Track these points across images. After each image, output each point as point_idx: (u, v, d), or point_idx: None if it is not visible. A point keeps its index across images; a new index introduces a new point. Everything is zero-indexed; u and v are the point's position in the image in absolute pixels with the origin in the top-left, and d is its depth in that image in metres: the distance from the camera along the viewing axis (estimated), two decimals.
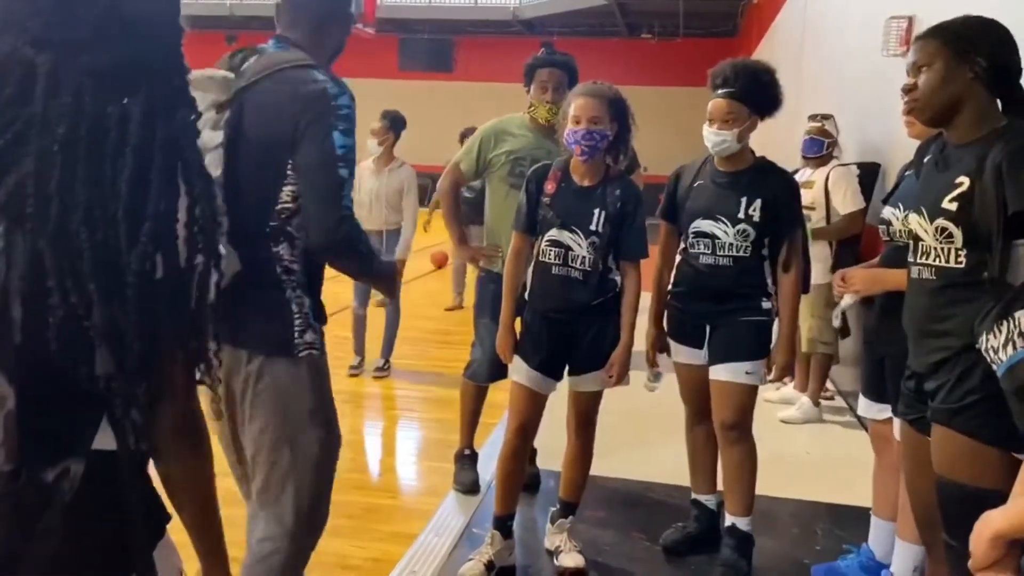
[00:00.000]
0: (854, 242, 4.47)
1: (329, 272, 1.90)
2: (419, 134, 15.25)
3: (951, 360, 1.90)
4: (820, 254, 4.40)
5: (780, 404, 4.79)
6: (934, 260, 1.97)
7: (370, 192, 5.26)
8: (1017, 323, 1.54)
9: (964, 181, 1.89)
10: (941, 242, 1.95)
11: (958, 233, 1.90)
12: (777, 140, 5.57)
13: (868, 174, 4.55)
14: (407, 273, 5.78)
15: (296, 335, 1.82)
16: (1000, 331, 1.59)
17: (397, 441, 4.62)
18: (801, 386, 4.79)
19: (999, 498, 1.42)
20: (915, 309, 2.05)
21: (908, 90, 1.99)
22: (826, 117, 4.65)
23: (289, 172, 1.76)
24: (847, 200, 4.38)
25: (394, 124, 5.29)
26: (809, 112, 5.00)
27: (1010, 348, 1.60)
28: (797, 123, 4.88)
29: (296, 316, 1.82)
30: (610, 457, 3.56)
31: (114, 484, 0.98)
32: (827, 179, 4.46)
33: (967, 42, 1.89)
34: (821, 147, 4.55)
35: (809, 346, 4.57)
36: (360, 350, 5.44)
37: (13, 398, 0.94)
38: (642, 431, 4.09)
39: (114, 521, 0.99)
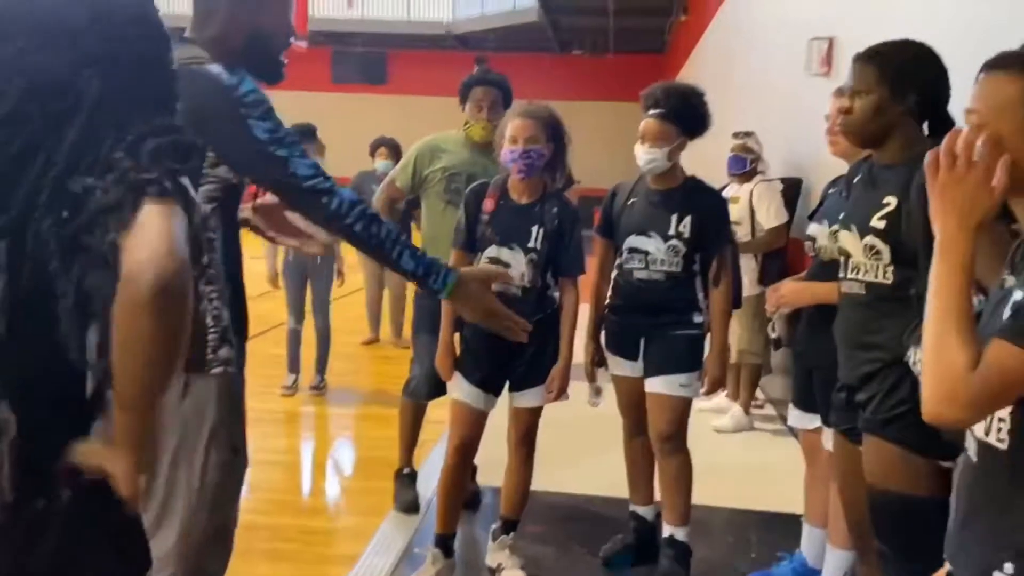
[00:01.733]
0: (779, 255, 4.61)
1: (261, 288, 1.84)
2: (353, 146, 15.20)
3: (881, 372, 1.98)
4: (746, 267, 4.52)
5: (713, 413, 4.88)
6: (864, 276, 2.05)
7: None
8: None
9: (891, 201, 1.99)
10: (870, 258, 2.03)
11: (886, 250, 1.99)
12: (709, 157, 5.72)
13: (792, 189, 4.70)
14: (337, 288, 5.72)
15: (210, 351, 1.72)
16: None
17: (335, 461, 4.56)
18: (733, 395, 4.90)
19: (929, 505, 1.48)
20: (846, 323, 2.13)
21: (843, 112, 2.08)
22: (748, 134, 4.80)
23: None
24: (771, 214, 4.52)
25: (301, 137, 5.20)
26: (732, 129, 5.14)
27: None
28: (726, 140, 5.02)
29: (212, 330, 1.72)
30: (551, 472, 3.57)
31: (104, 512, 0.96)
32: (751, 195, 4.60)
33: (904, 77, 1.99)
34: (745, 164, 4.69)
35: (739, 356, 4.68)
36: (295, 368, 5.35)
37: (14, 425, 0.92)
38: (582, 444, 4.12)
39: (106, 549, 0.96)
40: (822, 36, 4.38)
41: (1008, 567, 1.14)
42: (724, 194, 4.78)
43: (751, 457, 4.36)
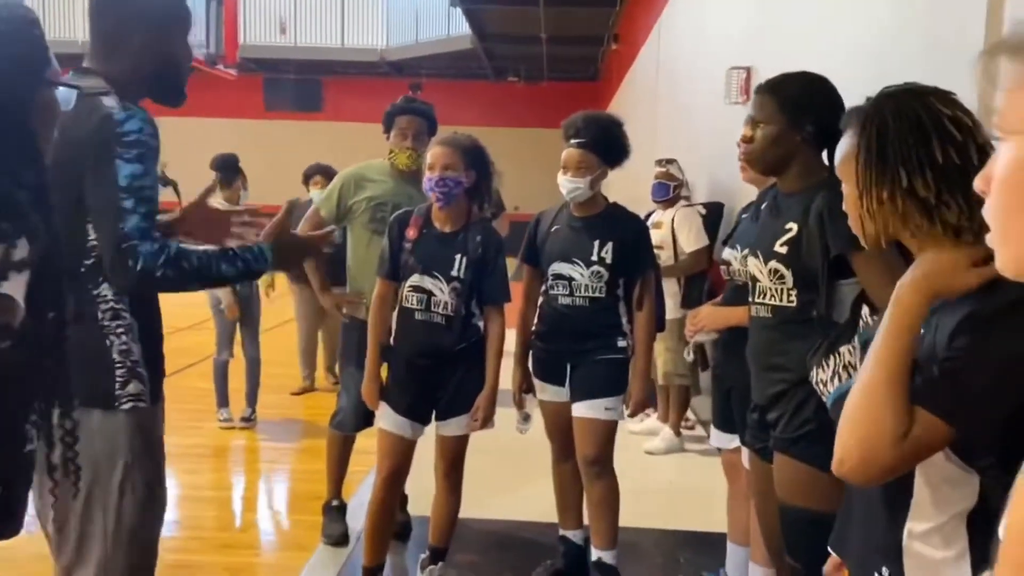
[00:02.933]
0: (701, 278, 4.72)
1: (193, 319, 1.82)
2: (287, 174, 15.04)
3: (788, 392, 2.05)
4: (670, 290, 4.62)
5: (645, 436, 4.95)
6: (770, 299, 2.12)
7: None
8: (842, 357, 1.67)
9: (793, 227, 2.07)
10: (775, 283, 2.11)
11: (788, 274, 2.07)
12: (641, 183, 5.84)
13: (715, 213, 4.83)
14: (271, 318, 5.64)
15: (118, 386, 1.71)
16: (828, 365, 1.72)
17: (264, 495, 4.46)
18: (663, 417, 4.97)
19: (835, 520, 1.53)
20: (755, 345, 2.20)
21: (745, 141, 2.16)
22: (670, 161, 4.93)
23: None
24: (691, 239, 4.63)
25: (223, 170, 5.16)
26: (662, 155, 5.27)
27: (836, 380, 1.74)
28: (652, 167, 5.15)
29: (118, 365, 1.71)
30: (480, 499, 3.57)
31: None
32: (673, 220, 4.71)
33: (800, 108, 2.08)
34: (668, 190, 4.81)
35: (666, 379, 4.77)
36: (225, 401, 5.24)
37: None
38: (511, 471, 4.13)
39: None
40: (740, 66, 4.52)
41: (885, 571, 1.19)
42: (649, 220, 4.90)
43: (681, 478, 4.42)
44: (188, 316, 6.52)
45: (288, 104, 20.59)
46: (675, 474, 4.49)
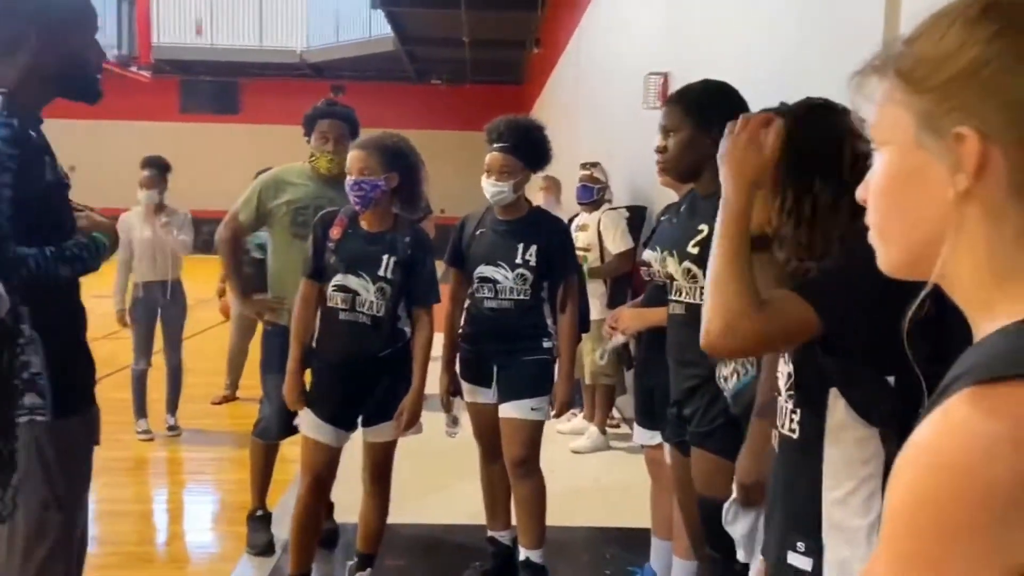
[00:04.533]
0: (626, 279, 4.81)
1: (106, 328, 1.77)
2: (205, 177, 14.70)
3: (701, 387, 2.12)
4: (597, 291, 4.71)
5: (571, 435, 5.01)
6: (684, 297, 2.20)
7: (149, 242, 4.98)
8: None
9: (704, 228, 2.15)
10: (688, 282, 2.18)
11: (700, 273, 2.14)
12: (566, 187, 5.92)
13: (637, 216, 4.93)
14: (192, 326, 5.51)
15: None
16: (728, 362, 1.80)
17: (187, 507, 4.36)
18: (589, 416, 5.05)
19: None
20: (672, 341, 2.27)
21: (659, 151, 2.23)
22: (594, 164, 5.01)
23: None
24: (617, 241, 4.72)
25: (158, 167, 5.07)
26: (585, 159, 5.35)
27: (735, 377, 1.82)
28: (577, 170, 5.23)
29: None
30: (409, 503, 3.57)
31: None
32: (599, 222, 4.79)
33: (706, 112, 2.16)
34: (592, 192, 4.89)
35: (592, 378, 4.84)
36: (143, 411, 5.09)
37: None
38: (440, 474, 4.14)
39: None
40: (658, 71, 4.63)
41: (800, 546, 1.27)
42: (574, 223, 4.98)
43: (608, 476, 4.50)
44: (102, 326, 6.31)
45: (205, 106, 20.12)
46: (601, 472, 4.56)
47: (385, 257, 2.69)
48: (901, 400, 1.16)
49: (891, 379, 1.21)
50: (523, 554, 2.98)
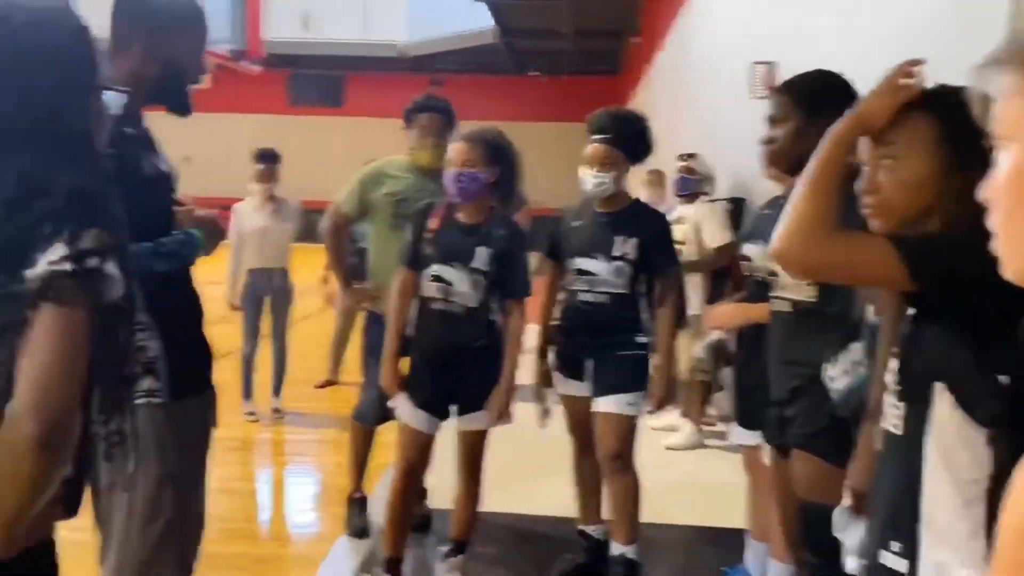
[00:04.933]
0: (725, 274, 4.70)
1: (215, 312, 1.85)
2: (311, 168, 15.16)
3: (806, 387, 2.05)
4: (694, 286, 4.62)
5: (666, 431, 4.94)
6: (790, 294, 2.13)
7: (259, 230, 5.19)
8: (852, 354, 1.68)
9: None
10: (794, 277, 2.11)
11: None
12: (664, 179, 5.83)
13: (737, 209, 4.82)
14: (298, 311, 5.70)
15: None
16: (839, 361, 1.73)
17: (289, 487, 4.52)
18: (685, 413, 4.97)
19: None
20: (775, 340, 2.20)
21: (766, 142, 2.17)
22: (692, 156, 4.91)
23: None
24: (715, 234, 4.62)
25: (268, 159, 5.27)
26: (685, 149, 5.25)
27: (846, 377, 1.75)
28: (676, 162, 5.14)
29: None
30: (501, 492, 3.60)
31: None
32: (697, 215, 4.69)
33: (817, 101, 2.08)
34: (690, 185, 4.79)
35: (688, 374, 4.76)
36: (249, 394, 5.31)
37: None
38: (533, 465, 4.15)
39: None
40: (763, 60, 4.50)
41: (895, 546, 1.21)
42: (671, 215, 4.89)
43: (702, 474, 4.42)
44: (213, 311, 6.61)
45: (311, 99, 20.73)
46: (695, 470, 4.49)
47: (480, 249, 2.72)
48: (1014, 402, 1.09)
49: (1004, 378, 1.14)
50: (616, 549, 2.96)
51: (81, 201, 1.05)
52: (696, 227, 4.71)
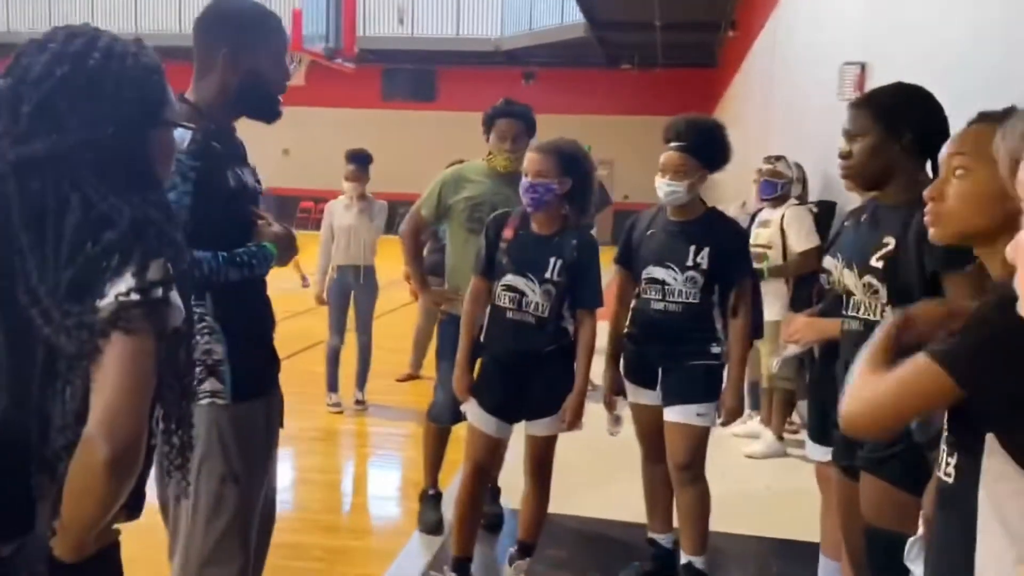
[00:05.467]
0: (811, 279, 4.57)
1: (303, 304, 1.91)
2: (402, 162, 15.46)
3: None
4: (778, 291, 4.52)
5: (746, 439, 4.86)
6: (863, 314, 2.08)
7: (346, 229, 5.37)
8: None
9: (890, 241, 2.02)
10: (869, 297, 2.06)
11: (883, 290, 2.02)
12: (747, 179, 5.71)
13: (826, 213, 4.68)
14: (382, 304, 5.85)
15: (196, 383, 1.80)
16: None
17: (367, 481, 4.65)
18: (766, 420, 4.87)
19: None
20: (846, 359, 2.14)
21: (843, 156, 2.12)
22: (778, 158, 4.78)
23: None
24: (801, 239, 4.50)
25: (362, 160, 5.42)
26: (775, 150, 5.13)
27: None
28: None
29: (197, 363, 1.76)
30: (571, 496, 3.62)
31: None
32: (783, 219, 4.58)
33: (896, 117, 2.03)
34: (776, 188, 4.67)
35: (770, 382, 4.66)
36: (334, 386, 5.48)
37: None
38: (604, 469, 4.15)
39: None
40: (854, 61, 4.36)
41: None
42: (757, 218, 4.80)
43: (781, 484, 4.33)
44: (299, 303, 6.84)
45: (404, 94, 21.10)
46: (774, 479, 4.40)
47: (552, 260, 2.74)
48: None
49: None
50: (684, 558, 2.95)
51: (145, 232, 1.12)
52: (782, 231, 4.61)
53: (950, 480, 1.24)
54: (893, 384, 1.22)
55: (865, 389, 1.27)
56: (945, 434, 1.26)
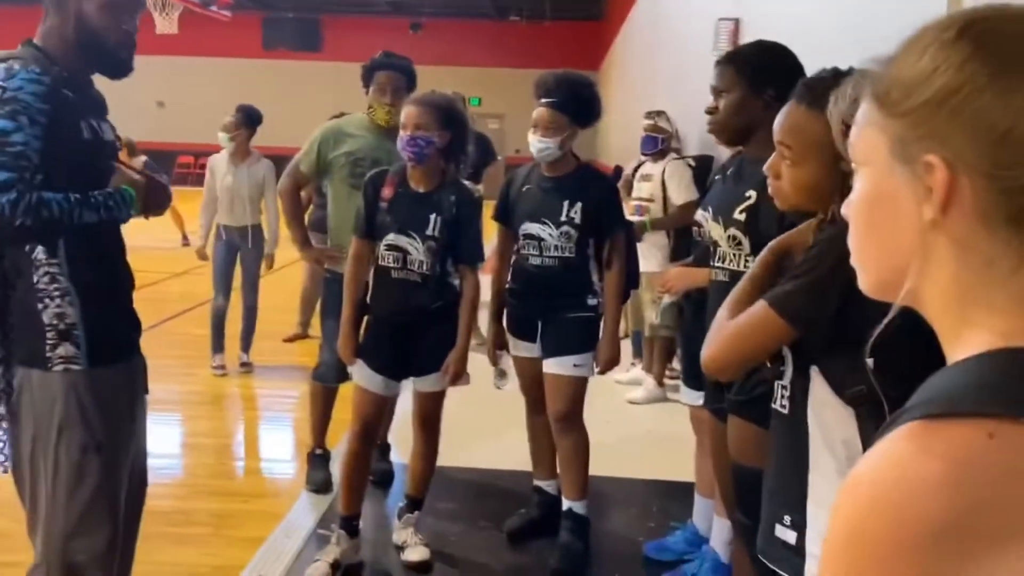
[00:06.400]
0: (690, 231, 4.72)
1: (183, 265, 1.83)
2: (287, 114, 14.97)
3: None
4: (659, 243, 4.67)
5: (629, 386, 5.04)
6: (728, 264, 2.17)
7: (229, 189, 5.20)
8: None
9: (752, 194, 2.11)
10: (733, 248, 2.15)
11: (746, 241, 2.11)
12: (638, 134, 5.82)
13: (704, 167, 4.82)
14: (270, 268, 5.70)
15: (48, 348, 1.77)
16: None
17: (254, 443, 4.58)
18: (648, 367, 5.05)
19: None
20: (713, 308, 2.24)
21: (710, 112, 2.19)
22: (659, 113, 4.90)
23: None
24: (681, 192, 4.64)
25: (248, 119, 5.24)
26: (660, 104, 5.24)
27: None
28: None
29: (48, 328, 1.76)
30: (459, 448, 3.68)
31: None
32: (664, 172, 4.71)
33: (759, 73, 2.11)
34: (657, 143, 4.79)
35: (651, 330, 4.83)
36: (220, 347, 5.33)
37: None
38: (491, 421, 4.22)
39: None
40: (728, 17, 4.47)
41: (787, 519, 1.30)
42: (639, 172, 4.91)
43: (662, 428, 4.51)
44: (185, 261, 6.59)
45: (287, 43, 20.34)
46: (656, 424, 4.58)
47: (432, 216, 2.74)
48: (879, 382, 1.16)
49: (870, 361, 1.21)
50: (566, 504, 3.05)
51: None
52: (663, 184, 4.73)
53: (784, 411, 1.34)
54: (738, 329, 1.32)
55: (718, 334, 1.39)
56: (776, 368, 1.37)
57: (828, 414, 1.28)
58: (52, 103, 1.73)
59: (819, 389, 1.30)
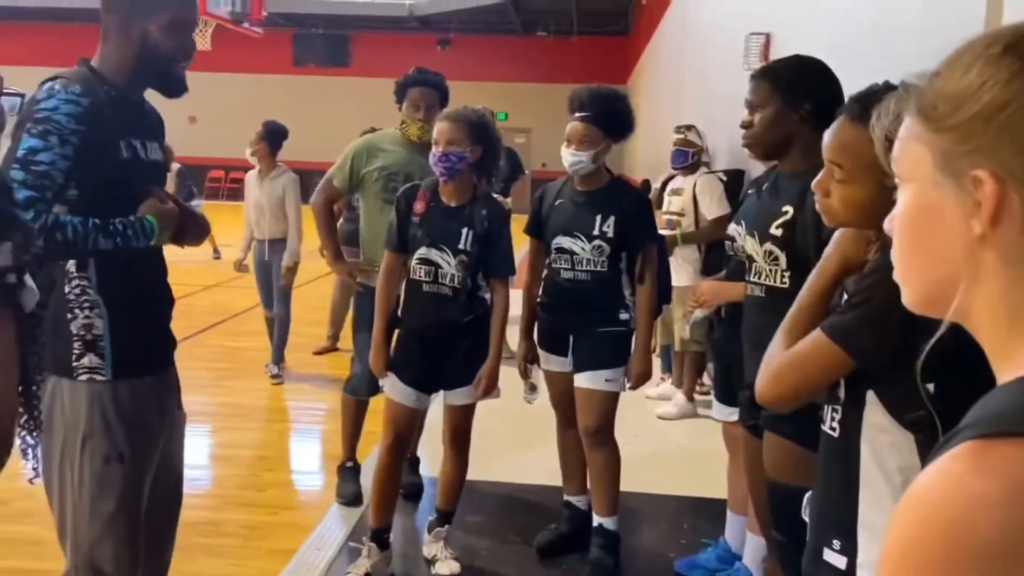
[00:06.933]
0: (722, 245, 4.70)
1: (215, 278, 1.86)
2: (316, 129, 15.14)
3: None
4: (690, 257, 4.65)
5: (659, 401, 5.00)
6: (764, 279, 2.16)
7: (256, 203, 5.30)
8: None
9: (789, 210, 2.10)
10: (769, 264, 2.14)
11: (783, 257, 2.10)
12: (667, 148, 5.82)
13: (735, 181, 4.80)
14: (300, 276, 5.76)
15: (74, 358, 1.79)
16: None
17: (288, 455, 4.61)
18: (678, 382, 5.02)
19: None
20: (749, 324, 2.23)
21: (745, 126, 2.18)
22: (689, 128, 4.89)
23: None
24: (713, 206, 4.62)
25: (270, 135, 5.32)
26: (688, 118, 5.23)
27: None
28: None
29: (75, 338, 1.79)
30: (489, 462, 3.67)
31: None
32: (695, 187, 4.69)
33: (795, 88, 2.10)
34: (687, 156, 4.78)
35: (681, 345, 4.80)
36: (274, 356, 5.45)
37: None
38: (520, 435, 4.22)
39: None
40: (759, 31, 4.46)
41: (836, 543, 1.28)
42: (669, 186, 4.90)
43: (692, 444, 4.48)
44: (214, 274, 6.66)
45: (316, 59, 20.58)
46: (686, 440, 4.55)
47: (464, 230, 2.75)
48: (938, 408, 1.14)
49: (931, 386, 1.19)
50: (596, 520, 3.03)
51: None
52: (694, 199, 4.72)
53: (835, 434, 1.32)
54: (794, 360, 1.31)
55: (773, 365, 1.37)
56: (830, 390, 1.34)
57: (883, 439, 1.25)
58: (88, 124, 1.75)
59: (875, 414, 1.27)
